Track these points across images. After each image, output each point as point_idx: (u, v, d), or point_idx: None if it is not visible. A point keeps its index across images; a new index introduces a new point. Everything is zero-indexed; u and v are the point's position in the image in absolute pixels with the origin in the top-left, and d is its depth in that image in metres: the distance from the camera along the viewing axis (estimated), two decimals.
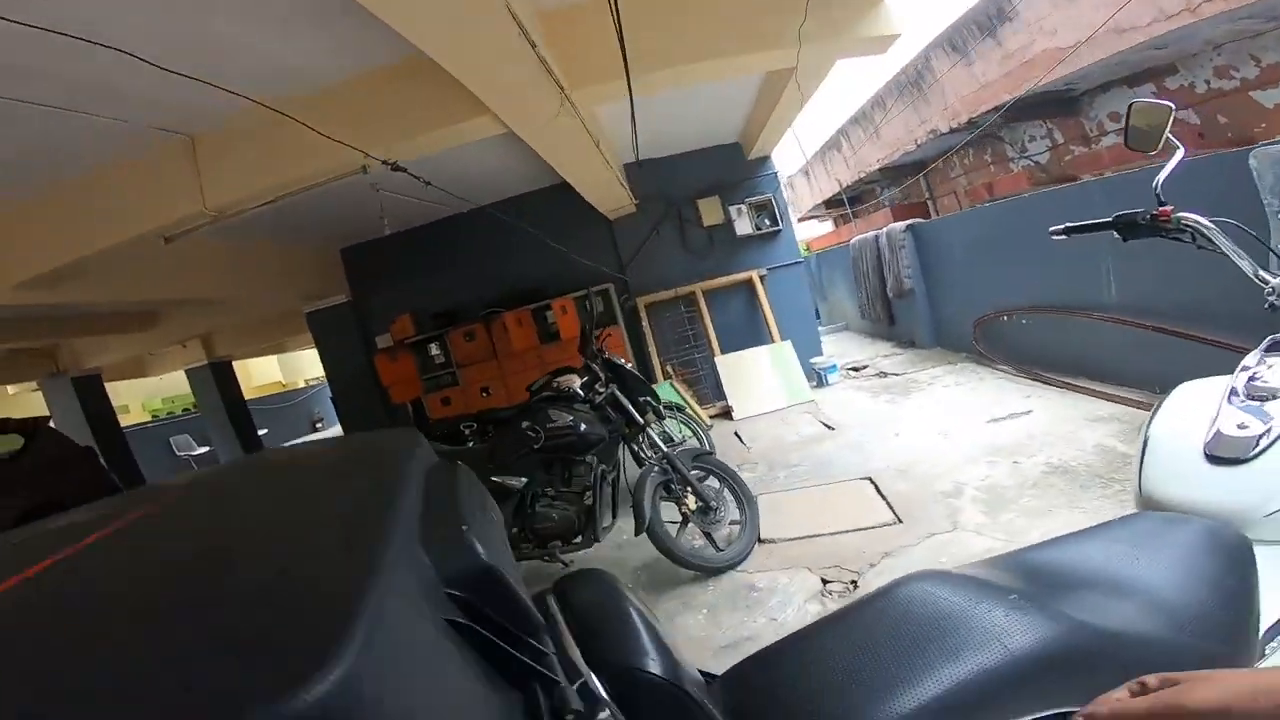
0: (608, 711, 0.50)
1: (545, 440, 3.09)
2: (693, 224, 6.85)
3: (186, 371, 10.43)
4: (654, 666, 0.57)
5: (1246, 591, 0.76)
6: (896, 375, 6.12)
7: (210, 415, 10.48)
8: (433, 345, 6.62)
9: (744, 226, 6.78)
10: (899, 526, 2.92)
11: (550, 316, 6.37)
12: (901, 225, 7.03)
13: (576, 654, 0.58)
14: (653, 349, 6.61)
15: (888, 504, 3.17)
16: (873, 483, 3.48)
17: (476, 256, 6.78)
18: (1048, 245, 4.73)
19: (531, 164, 5.12)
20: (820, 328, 8.78)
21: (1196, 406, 1.06)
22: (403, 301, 6.84)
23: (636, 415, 3.25)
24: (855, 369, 6.85)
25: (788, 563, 2.80)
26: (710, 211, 6.83)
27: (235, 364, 11.01)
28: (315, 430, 3.49)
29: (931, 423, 4.31)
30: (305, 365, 15.93)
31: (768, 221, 6.82)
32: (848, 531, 2.98)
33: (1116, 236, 1.35)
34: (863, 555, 2.71)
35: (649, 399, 3.37)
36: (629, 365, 3.56)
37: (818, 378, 6.47)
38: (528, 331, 6.34)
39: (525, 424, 3.15)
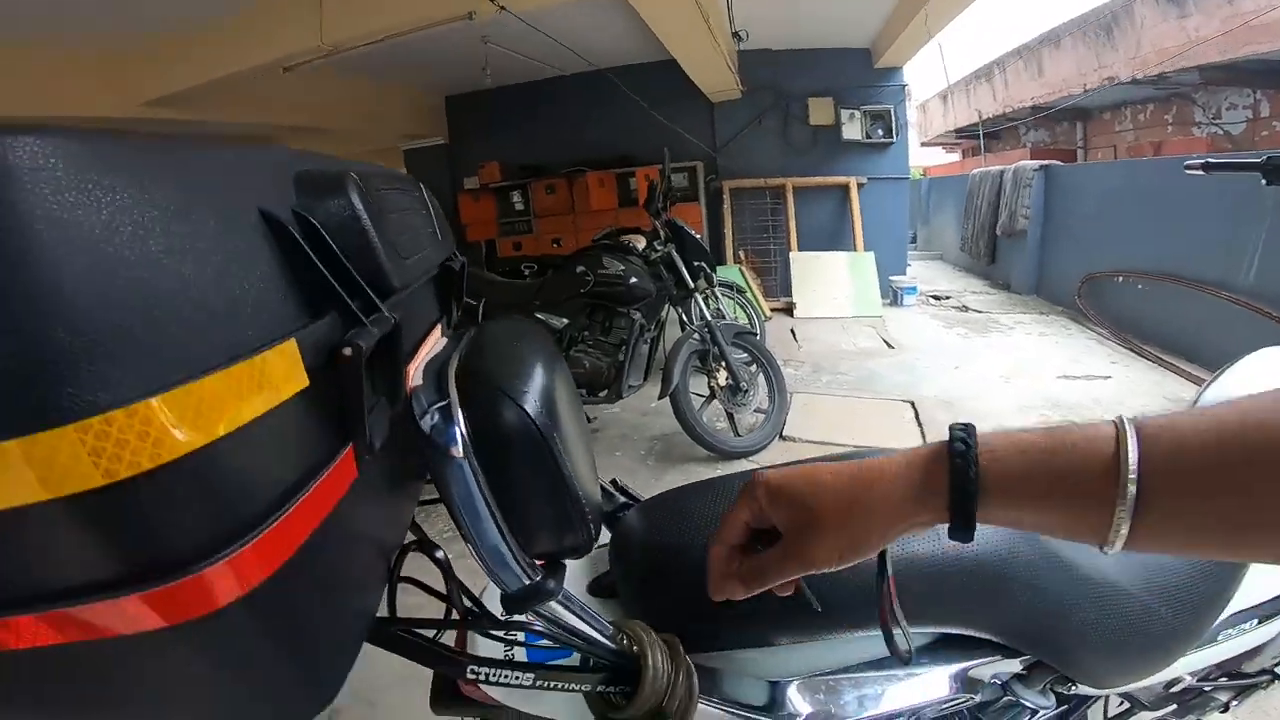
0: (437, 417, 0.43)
1: (593, 285, 3.12)
2: (798, 120, 6.43)
3: None
4: (529, 404, 0.45)
5: (1231, 574, 0.68)
6: (978, 312, 5.76)
7: None
8: (515, 193, 6.75)
9: (852, 132, 6.32)
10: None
11: (633, 183, 6.28)
12: (1034, 163, 6.41)
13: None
14: (728, 232, 6.46)
15: (921, 431, 3.09)
16: (914, 408, 3.38)
17: (570, 118, 6.69)
18: (1189, 209, 4.27)
19: (636, 36, 4.95)
20: (911, 251, 8.33)
21: (1265, 376, 0.93)
22: (494, 150, 6.93)
23: (688, 278, 3.21)
24: (936, 297, 6.48)
25: (802, 457, 2.81)
26: (820, 111, 6.38)
27: None
28: None
29: (997, 365, 4.08)
30: None
31: (880, 132, 6.33)
32: (875, 448, 2.94)
33: (1262, 182, 1.20)
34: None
35: (704, 265, 3.31)
36: (695, 234, 3.48)
37: (893, 296, 6.20)
38: (608, 194, 6.31)
39: (579, 267, 3.19)
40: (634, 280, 3.13)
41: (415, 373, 0.48)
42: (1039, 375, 3.83)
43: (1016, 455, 0.37)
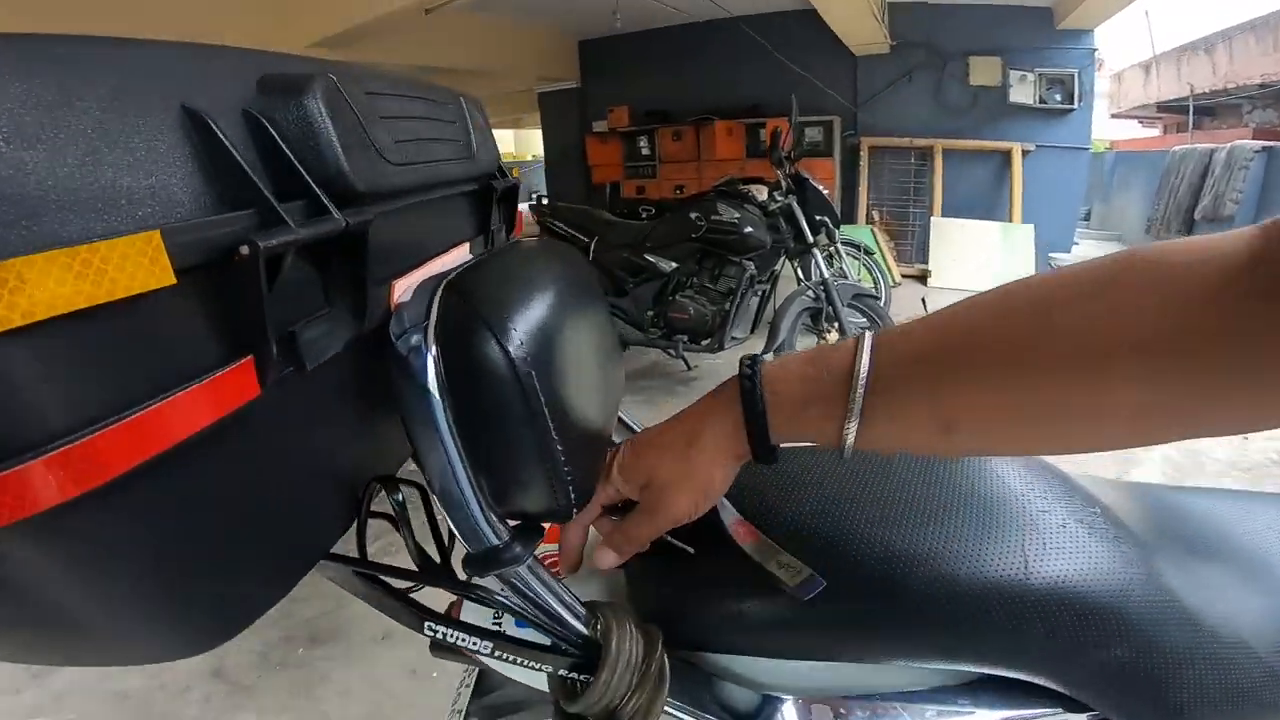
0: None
1: (706, 231, 3.01)
2: (955, 80, 5.78)
3: None
4: (511, 339, 0.37)
5: None
6: None
7: None
8: (641, 138, 6.74)
9: (1022, 95, 5.58)
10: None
11: (762, 134, 6.01)
12: (1255, 144, 5.40)
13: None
14: (863, 191, 6.01)
15: None
16: None
17: (701, 66, 6.48)
18: None
19: None
20: (1083, 228, 7.37)
21: None
22: (624, 95, 6.93)
23: (807, 232, 3.00)
24: None
25: None
26: (984, 71, 5.67)
27: None
28: (534, 196, 3.79)
29: None
30: (533, 143, 16.90)
31: (1059, 97, 5.57)
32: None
33: None
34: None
35: (826, 221, 3.08)
36: (823, 188, 3.23)
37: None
38: (736, 143, 6.10)
39: (692, 212, 3.08)
40: (748, 229, 2.97)
41: (405, 287, 0.43)
42: None
43: (795, 380, 0.40)
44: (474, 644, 0.43)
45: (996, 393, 0.35)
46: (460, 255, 0.55)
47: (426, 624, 0.43)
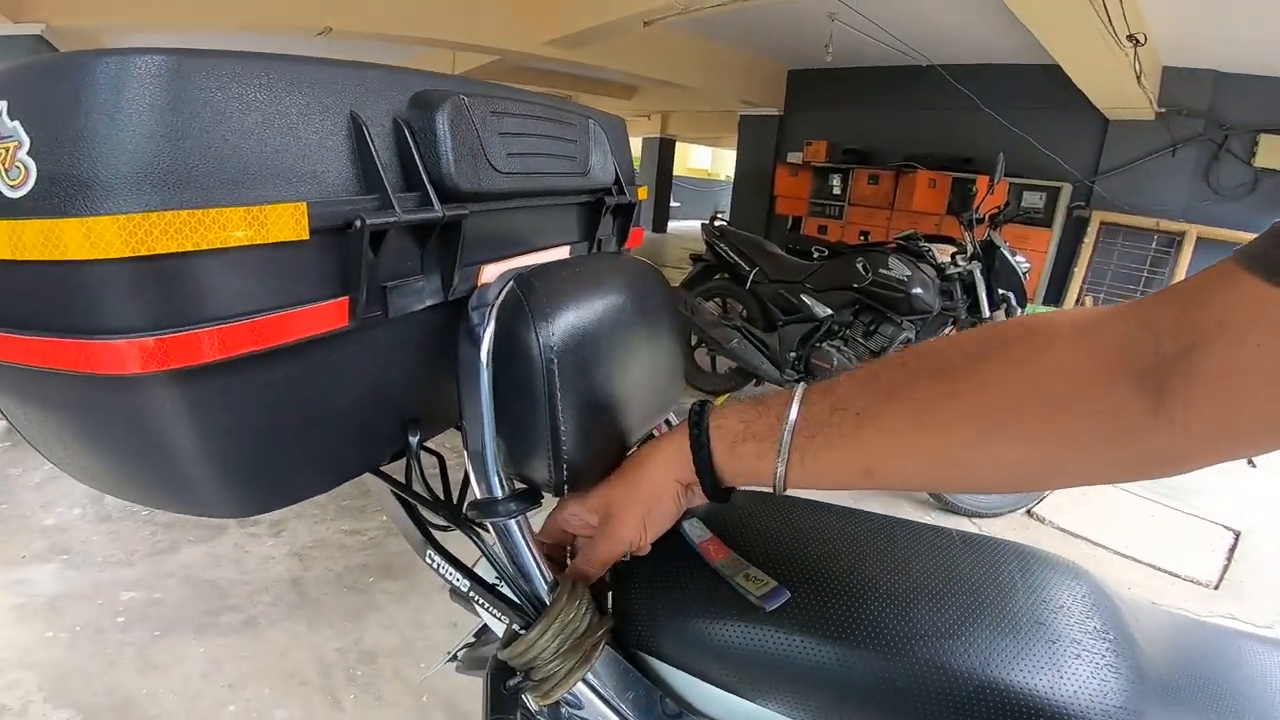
0: None
1: (869, 283, 2.90)
2: (1235, 158, 4.89)
3: (643, 139, 12.31)
4: (546, 332, 0.46)
5: None
6: None
7: (645, 177, 12.40)
8: (835, 176, 6.59)
9: None
10: (1211, 593, 2.15)
11: (970, 190, 5.54)
12: None
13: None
14: (1080, 271, 5.33)
15: (1226, 564, 2.27)
16: (1235, 538, 2.49)
17: (912, 110, 6.20)
18: None
19: (1012, 31, 4.29)
20: None
21: None
22: (824, 129, 6.84)
23: (984, 305, 2.77)
24: None
25: (1037, 544, 2.30)
26: (1275, 152, 4.74)
27: (679, 145, 12.66)
28: (716, 218, 3.91)
29: None
30: (728, 163, 17.17)
31: None
32: (1142, 562, 2.27)
33: None
34: (1127, 591, 2.06)
35: (1011, 295, 2.82)
36: (1024, 261, 2.97)
37: None
38: (937, 197, 5.71)
39: (859, 260, 2.98)
40: (916, 290, 2.81)
41: (493, 272, 0.53)
42: None
43: (737, 420, 0.47)
44: (455, 577, 0.52)
45: (906, 447, 0.42)
46: (558, 255, 0.65)
47: (428, 551, 0.54)
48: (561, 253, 0.66)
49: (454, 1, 4.88)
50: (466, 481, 0.55)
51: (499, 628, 0.53)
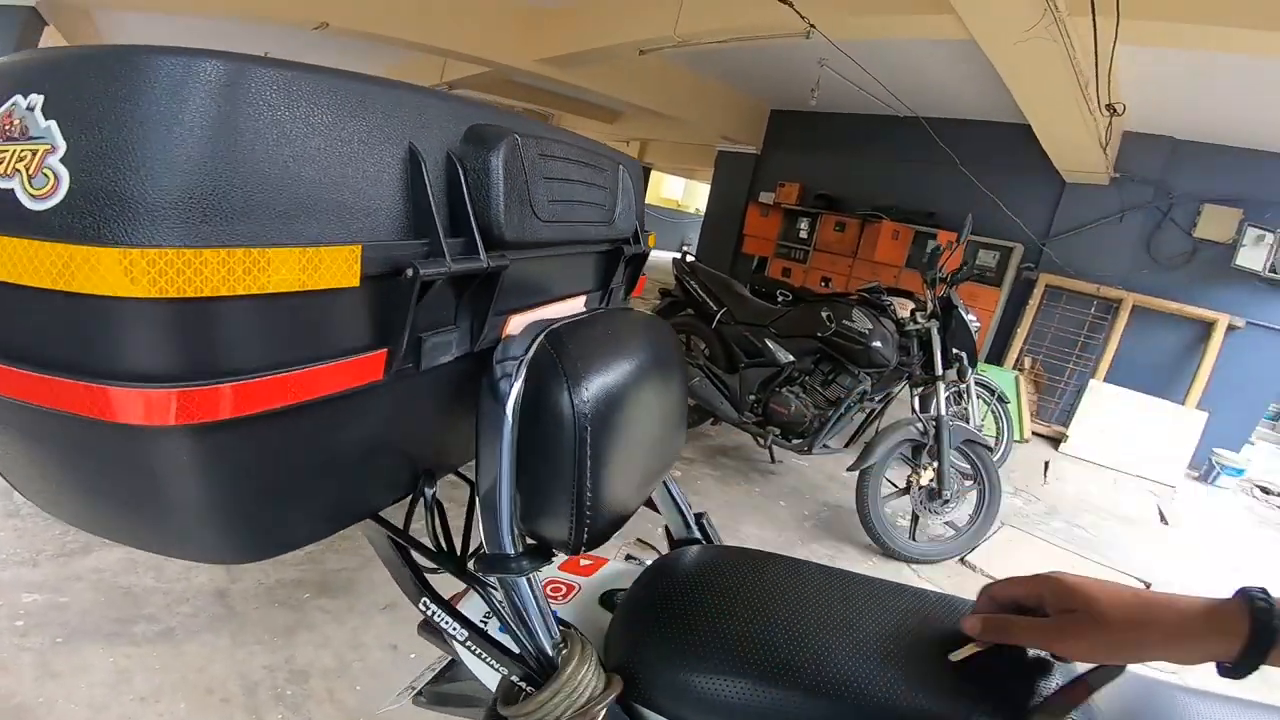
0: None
1: (831, 333, 2.97)
2: (1177, 227, 5.21)
3: None
4: (581, 393, 0.46)
5: None
6: None
7: None
8: (803, 220, 6.73)
9: (1252, 259, 4.89)
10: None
11: (931, 244, 5.78)
12: None
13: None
14: (1022, 332, 5.59)
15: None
16: (1145, 587, 2.62)
17: (887, 160, 6.38)
18: None
19: (989, 91, 4.54)
20: (1266, 427, 6.35)
21: None
22: (799, 172, 6.97)
23: (939, 364, 2.87)
24: (1266, 490, 4.86)
25: (961, 593, 2.37)
26: (1216, 223, 5.05)
27: (654, 173, 12.72)
28: (683, 249, 3.98)
29: None
30: (700, 196, 17.49)
31: None
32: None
33: None
34: None
35: (963, 356, 2.94)
36: (975, 320, 3.10)
37: (1206, 470, 4.79)
38: (899, 248, 5.92)
39: (825, 310, 3.06)
40: (876, 344, 2.89)
41: (519, 323, 0.51)
42: None
43: None
44: (454, 629, 0.50)
45: None
46: (575, 305, 0.64)
47: (423, 599, 0.51)
48: (578, 302, 0.64)
49: (453, 8, 4.89)
50: (468, 530, 0.53)
51: (490, 678, 0.51)
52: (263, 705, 1.39)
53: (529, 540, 0.49)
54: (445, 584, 0.55)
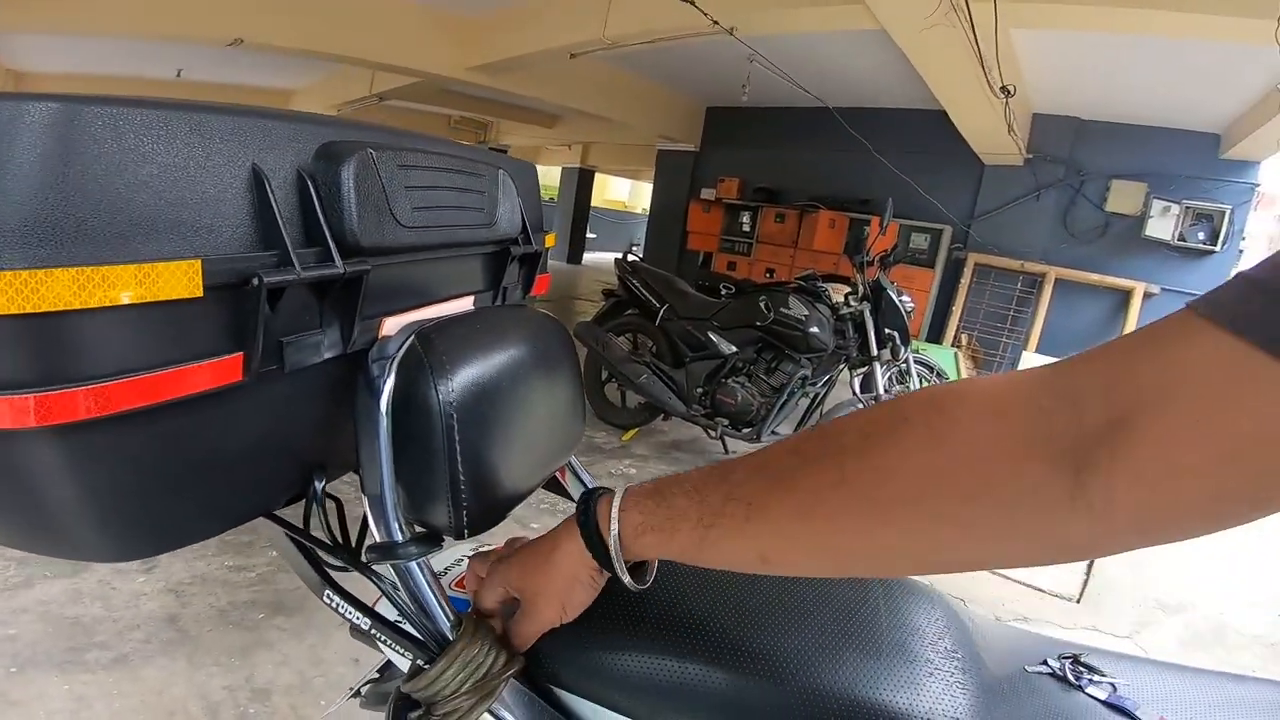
0: None
1: (770, 322, 3.06)
2: (1089, 203, 5.54)
3: (563, 169, 12.42)
4: (445, 385, 0.49)
5: None
6: None
7: (562, 207, 12.49)
8: (745, 214, 6.88)
9: (1160, 229, 5.25)
10: (1071, 606, 2.38)
11: (865, 231, 5.99)
12: None
13: None
14: (957, 310, 5.84)
15: (1085, 581, 2.56)
16: (1089, 567, 2.82)
17: (821, 152, 6.59)
18: None
19: (908, 80, 4.71)
20: None
21: None
22: (738, 167, 7.14)
23: (873, 344, 3.00)
24: None
25: None
26: (1125, 197, 5.40)
27: (598, 176, 12.80)
28: (632, 250, 4.01)
29: (1233, 540, 3.20)
30: (646, 196, 17.62)
31: (1201, 236, 5.14)
32: (1015, 580, 2.51)
33: None
34: (1002, 606, 2.30)
35: (895, 335, 3.06)
36: (909, 301, 3.23)
37: None
38: (836, 236, 6.13)
39: (763, 299, 3.14)
40: (813, 329, 3.00)
41: (394, 324, 0.55)
42: None
43: (636, 515, 0.46)
44: (355, 616, 0.53)
45: (794, 537, 0.40)
46: (462, 305, 0.67)
47: (326, 592, 0.54)
48: (466, 303, 0.68)
49: (374, 20, 4.83)
50: (365, 523, 0.56)
51: (403, 663, 0.54)
52: None
53: (418, 528, 0.52)
54: (366, 588, 0.57)
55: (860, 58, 4.92)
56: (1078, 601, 2.42)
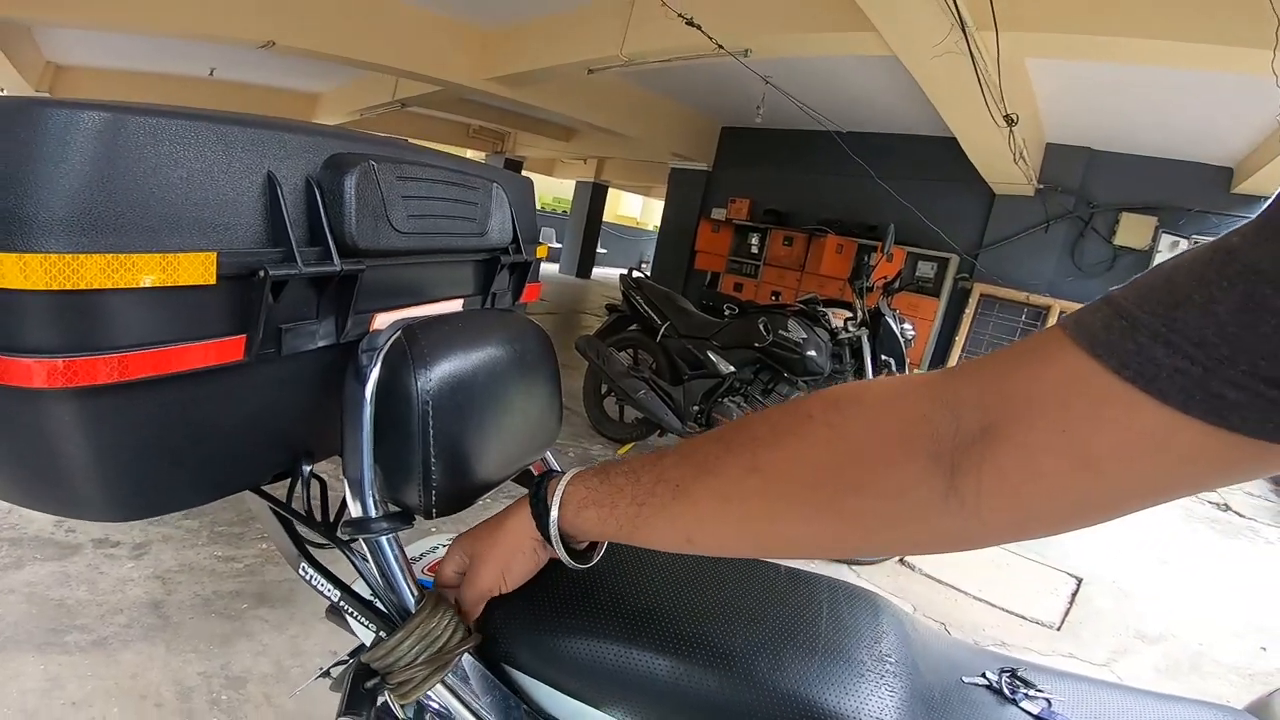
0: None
1: (769, 344, 3.10)
2: (1098, 236, 5.55)
3: (577, 183, 12.58)
4: (424, 376, 0.54)
5: None
6: (1240, 516, 4.50)
7: (575, 221, 12.63)
8: (754, 235, 6.91)
9: None
10: (1051, 633, 2.39)
11: (868, 258, 6.02)
12: None
13: None
14: (960, 339, 5.85)
15: (1067, 609, 2.57)
16: (1078, 585, 2.82)
17: (832, 175, 6.62)
18: None
19: (921, 107, 4.74)
20: None
21: None
22: (749, 188, 7.17)
23: (869, 370, 3.03)
24: None
25: (901, 591, 2.50)
26: (1134, 230, 5.39)
27: (611, 191, 12.93)
28: (641, 267, 4.05)
29: (1220, 573, 3.26)
30: (658, 213, 17.76)
31: None
32: (997, 606, 2.52)
33: None
34: (981, 632, 2.32)
35: (892, 361, 3.10)
36: (906, 329, 3.27)
37: None
38: (843, 261, 6.14)
39: (762, 320, 3.19)
40: (810, 353, 3.03)
41: (384, 320, 0.60)
42: (1266, 595, 3.02)
43: (582, 489, 0.50)
44: (326, 588, 0.58)
45: (715, 520, 0.44)
46: (452, 307, 0.73)
47: (301, 564, 0.59)
48: (455, 305, 0.73)
49: (399, 29, 4.96)
50: (345, 503, 0.61)
51: (369, 639, 0.58)
52: (197, 710, 1.43)
53: (391, 507, 0.58)
54: (344, 572, 0.62)
55: (874, 83, 4.97)
56: (1058, 629, 2.43)
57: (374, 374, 0.54)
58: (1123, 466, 0.31)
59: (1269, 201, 0.29)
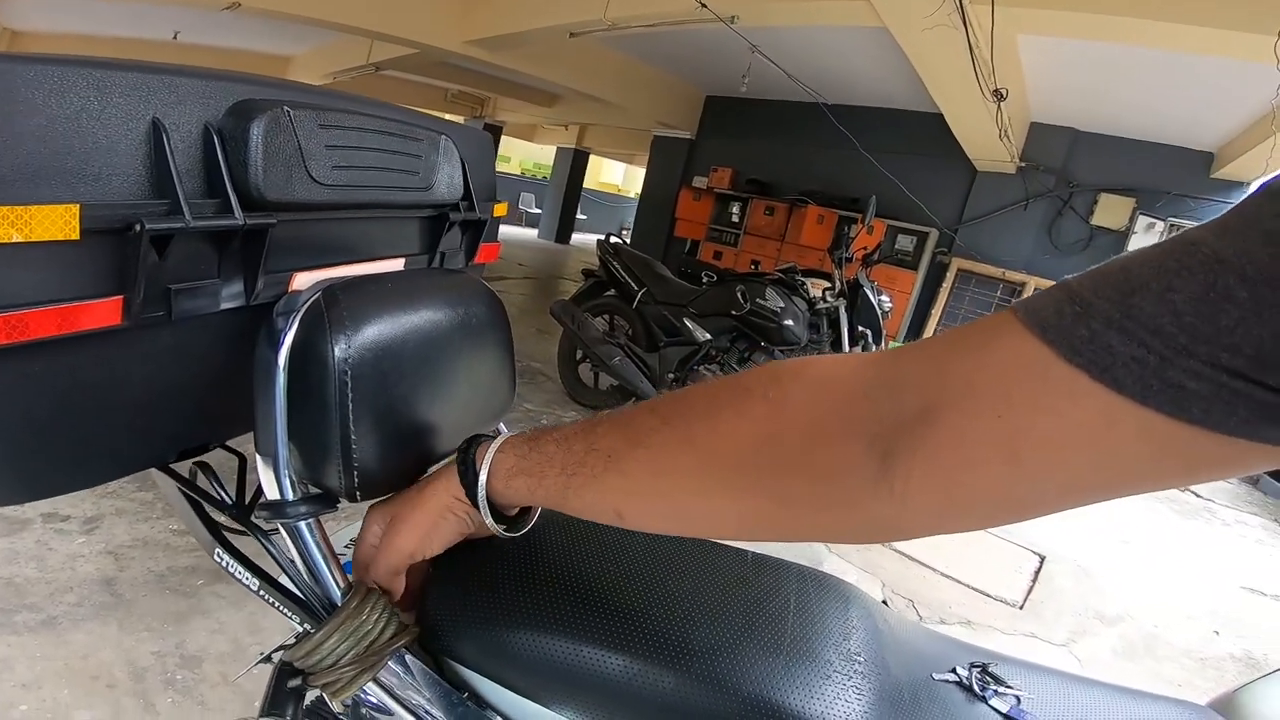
0: None
1: (746, 312, 3.08)
2: (1076, 215, 5.60)
3: (557, 149, 12.29)
4: (343, 343, 0.48)
5: None
6: (1197, 497, 4.65)
7: (555, 188, 12.41)
8: (735, 204, 6.88)
9: (1145, 243, 5.29)
10: (1014, 612, 2.44)
11: (853, 230, 6.01)
12: None
13: None
14: (936, 312, 5.90)
15: (1029, 588, 2.63)
16: (1040, 563, 2.89)
17: (815, 148, 6.59)
18: None
19: (908, 80, 4.71)
20: None
21: None
22: (732, 157, 7.12)
23: (846, 340, 3.02)
24: None
25: (872, 567, 2.53)
26: (1111, 211, 5.45)
27: (593, 158, 12.70)
28: (621, 234, 3.98)
29: (1177, 553, 3.38)
30: (639, 180, 17.55)
31: None
32: (963, 584, 2.56)
33: None
34: (948, 609, 2.36)
35: (869, 333, 3.09)
36: (887, 300, 3.26)
37: None
38: (824, 231, 6.14)
39: (740, 288, 3.15)
40: (787, 322, 3.02)
41: (306, 280, 0.54)
42: (1221, 578, 3.12)
43: (512, 457, 0.48)
44: (245, 577, 0.53)
45: (645, 493, 0.42)
46: (391, 266, 0.67)
47: (216, 550, 0.54)
48: (396, 264, 0.67)
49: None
50: (259, 488, 0.56)
51: (295, 628, 0.54)
52: (151, 690, 1.39)
53: (312, 489, 0.52)
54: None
55: (861, 55, 4.90)
56: (1021, 608, 2.48)
57: (288, 339, 0.48)
58: (1054, 457, 0.29)
59: (1242, 199, 0.28)
